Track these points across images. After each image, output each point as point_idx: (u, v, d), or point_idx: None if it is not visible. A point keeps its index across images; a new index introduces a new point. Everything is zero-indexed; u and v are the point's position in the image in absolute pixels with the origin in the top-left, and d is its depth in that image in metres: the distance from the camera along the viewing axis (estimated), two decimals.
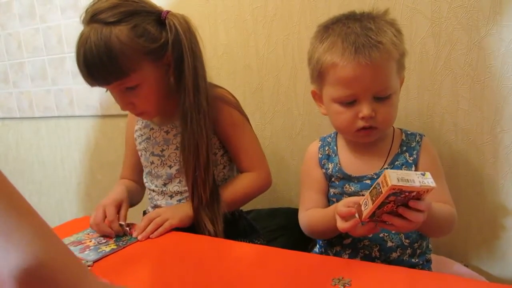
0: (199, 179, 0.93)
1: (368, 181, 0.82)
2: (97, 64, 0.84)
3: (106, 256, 0.80)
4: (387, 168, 0.82)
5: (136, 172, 1.13)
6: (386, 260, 0.81)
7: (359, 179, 0.83)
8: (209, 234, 0.91)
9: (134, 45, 0.86)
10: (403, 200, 0.65)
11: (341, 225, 0.70)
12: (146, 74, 0.89)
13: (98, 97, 1.63)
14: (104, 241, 0.87)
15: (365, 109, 0.76)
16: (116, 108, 1.57)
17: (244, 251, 0.79)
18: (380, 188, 0.63)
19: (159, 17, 0.91)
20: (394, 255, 0.82)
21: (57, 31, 1.66)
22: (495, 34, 0.95)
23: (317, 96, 0.87)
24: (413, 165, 0.82)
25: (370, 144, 0.84)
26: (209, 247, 0.82)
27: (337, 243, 0.86)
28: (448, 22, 0.99)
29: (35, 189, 1.97)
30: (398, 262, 0.80)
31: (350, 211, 0.68)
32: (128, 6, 0.87)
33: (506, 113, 0.98)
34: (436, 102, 1.04)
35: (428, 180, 0.62)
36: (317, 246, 0.94)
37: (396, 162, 0.83)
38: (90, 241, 0.87)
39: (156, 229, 0.88)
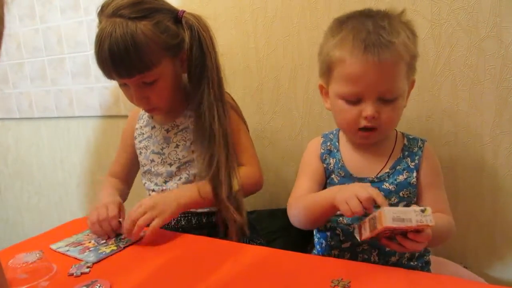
0: (232, 169, 0.94)
1: (368, 184, 0.82)
2: (123, 56, 0.85)
3: (106, 258, 0.80)
4: (388, 172, 0.82)
5: (126, 171, 1.14)
6: (385, 264, 0.81)
7: (360, 180, 0.83)
8: (236, 223, 0.91)
9: (157, 40, 0.89)
10: (401, 232, 0.66)
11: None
12: (164, 70, 0.92)
13: (98, 97, 1.63)
14: (104, 242, 0.87)
15: (369, 109, 0.76)
16: (115, 109, 1.59)
17: (244, 252, 0.79)
18: (376, 223, 0.64)
19: (176, 16, 0.94)
20: (393, 259, 0.82)
21: (56, 31, 1.66)
22: (495, 36, 0.95)
23: (324, 91, 0.87)
24: (415, 171, 0.82)
25: (371, 144, 0.84)
26: (208, 248, 0.82)
27: (335, 246, 0.86)
28: (448, 24, 0.99)
29: (34, 190, 1.97)
30: (397, 266, 0.80)
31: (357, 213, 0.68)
32: (149, 3, 0.90)
33: (505, 115, 0.98)
34: (436, 103, 1.04)
35: (426, 218, 0.62)
36: (316, 249, 0.94)
37: (398, 167, 0.83)
38: (90, 242, 0.87)
39: (141, 230, 0.85)
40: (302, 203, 0.83)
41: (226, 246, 0.83)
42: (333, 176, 0.86)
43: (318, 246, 0.92)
